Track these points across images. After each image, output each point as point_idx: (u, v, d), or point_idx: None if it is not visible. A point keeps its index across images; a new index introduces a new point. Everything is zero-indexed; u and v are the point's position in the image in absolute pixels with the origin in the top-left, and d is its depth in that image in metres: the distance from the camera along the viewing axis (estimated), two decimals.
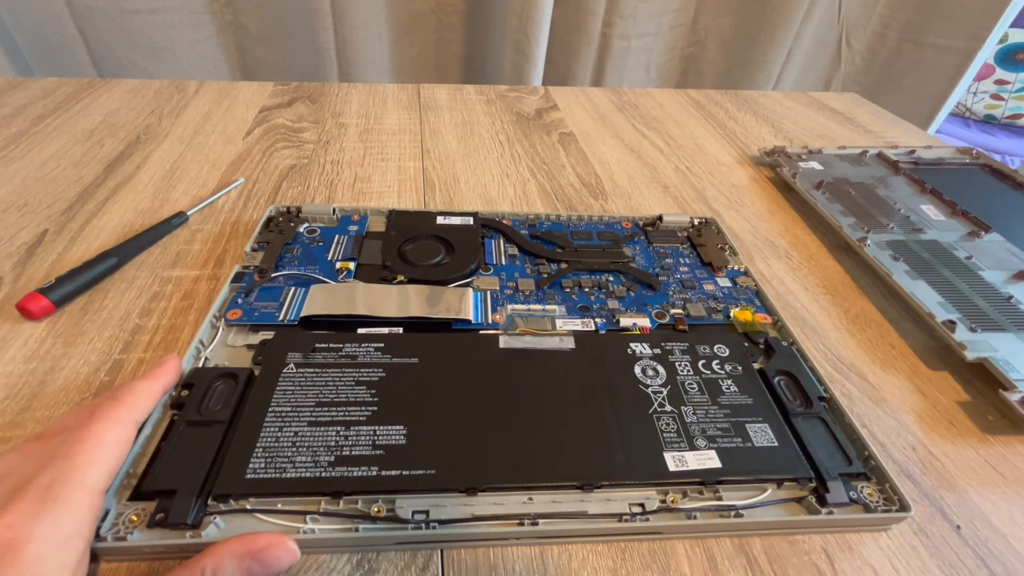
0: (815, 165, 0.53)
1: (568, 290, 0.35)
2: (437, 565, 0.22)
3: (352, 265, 0.35)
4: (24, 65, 0.85)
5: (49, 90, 0.57)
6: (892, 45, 1.09)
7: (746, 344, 0.32)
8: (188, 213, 0.40)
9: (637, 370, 0.29)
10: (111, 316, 0.32)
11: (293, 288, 0.32)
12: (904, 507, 0.24)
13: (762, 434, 0.26)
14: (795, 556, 0.23)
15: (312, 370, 0.27)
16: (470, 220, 0.39)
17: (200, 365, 0.28)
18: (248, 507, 0.22)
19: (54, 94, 0.57)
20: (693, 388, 0.28)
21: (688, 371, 0.29)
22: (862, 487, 0.25)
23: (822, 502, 0.24)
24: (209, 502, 0.22)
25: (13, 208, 0.40)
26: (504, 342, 0.30)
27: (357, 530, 0.22)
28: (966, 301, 0.36)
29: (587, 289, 0.35)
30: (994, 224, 0.44)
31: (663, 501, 0.24)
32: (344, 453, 0.24)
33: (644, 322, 0.32)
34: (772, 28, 1.04)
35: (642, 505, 0.23)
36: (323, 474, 0.23)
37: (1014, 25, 1.05)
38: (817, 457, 0.25)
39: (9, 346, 0.29)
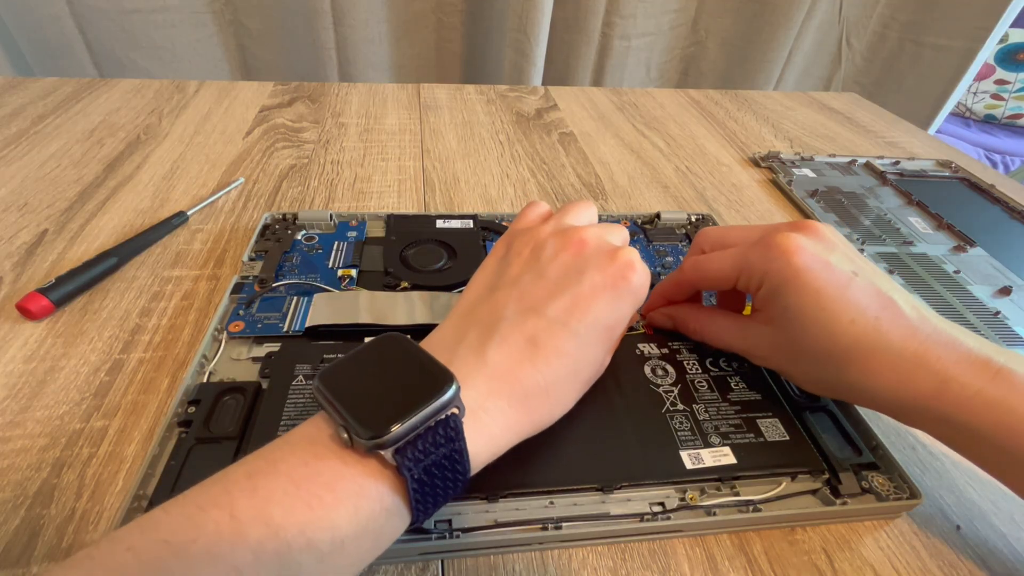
0: (808, 172, 0.54)
1: None
2: (437, 565, 0.22)
3: (354, 272, 0.34)
4: (24, 65, 0.85)
5: (49, 90, 0.57)
6: (892, 45, 1.09)
7: None
8: (188, 213, 0.40)
9: (647, 370, 0.29)
10: (111, 316, 0.32)
11: (295, 297, 0.32)
12: (915, 494, 0.24)
13: (773, 429, 0.26)
14: (795, 556, 0.23)
15: None
16: (470, 223, 0.39)
17: (205, 380, 0.27)
18: None
19: (54, 94, 0.57)
20: (703, 386, 0.28)
21: (696, 369, 0.29)
22: (872, 476, 0.25)
23: (835, 493, 0.24)
24: None
25: (13, 208, 0.40)
26: None
27: None
28: (957, 315, 0.37)
29: None
30: (976, 238, 0.45)
31: (682, 499, 0.24)
32: None
33: None
34: (773, 28, 1.04)
35: (662, 504, 0.24)
36: None
37: (1014, 25, 1.05)
38: (827, 449, 0.25)
39: (9, 346, 0.29)
